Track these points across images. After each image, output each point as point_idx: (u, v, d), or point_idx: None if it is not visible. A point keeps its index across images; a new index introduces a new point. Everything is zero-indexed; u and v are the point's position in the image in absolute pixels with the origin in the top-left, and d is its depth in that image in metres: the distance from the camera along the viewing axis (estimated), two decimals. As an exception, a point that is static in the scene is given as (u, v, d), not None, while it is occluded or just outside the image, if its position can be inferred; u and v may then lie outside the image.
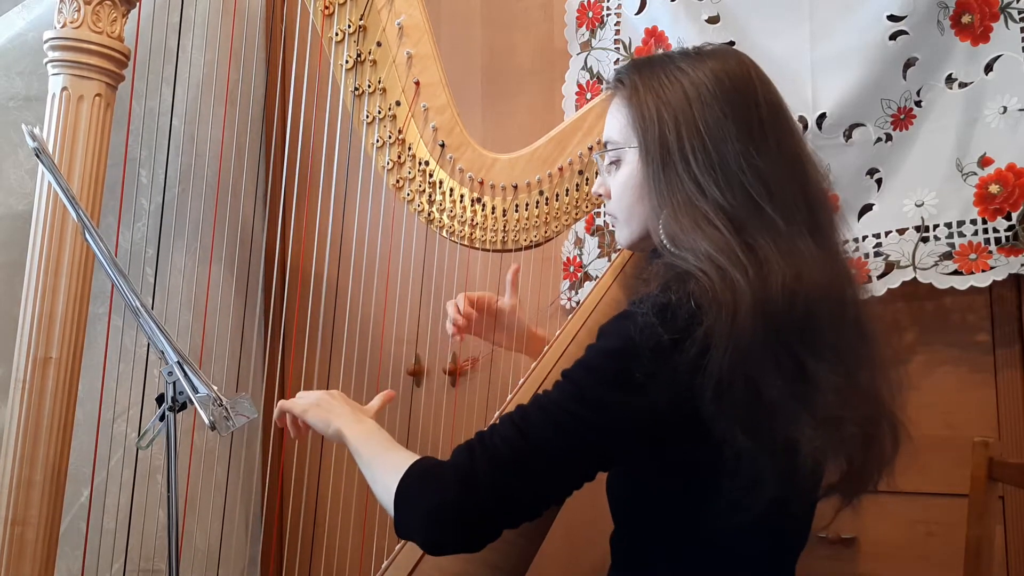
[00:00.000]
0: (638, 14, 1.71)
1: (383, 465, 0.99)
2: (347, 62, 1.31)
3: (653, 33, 1.69)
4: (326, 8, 1.31)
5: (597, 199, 1.16)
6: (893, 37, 1.45)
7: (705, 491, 0.90)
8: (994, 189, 1.41)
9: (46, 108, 1.30)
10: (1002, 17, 1.42)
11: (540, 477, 0.90)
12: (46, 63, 1.30)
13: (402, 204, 1.36)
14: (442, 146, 1.33)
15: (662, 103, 0.96)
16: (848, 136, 1.52)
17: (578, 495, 1.07)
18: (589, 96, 1.77)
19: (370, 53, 1.32)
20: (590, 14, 1.79)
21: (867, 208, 1.52)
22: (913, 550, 1.49)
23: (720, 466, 0.86)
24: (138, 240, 1.68)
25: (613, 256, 1.61)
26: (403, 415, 1.64)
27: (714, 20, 1.62)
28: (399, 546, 1.17)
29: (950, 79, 1.46)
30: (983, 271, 1.41)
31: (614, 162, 1.04)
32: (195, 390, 1.00)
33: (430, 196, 1.34)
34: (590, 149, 1.32)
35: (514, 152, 1.35)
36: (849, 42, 1.50)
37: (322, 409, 1.12)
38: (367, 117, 1.33)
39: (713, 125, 0.94)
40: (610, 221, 1.09)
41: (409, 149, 1.33)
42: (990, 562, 1.23)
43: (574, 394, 0.90)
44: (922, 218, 1.47)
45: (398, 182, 1.35)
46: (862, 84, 1.49)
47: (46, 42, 1.29)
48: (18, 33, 1.55)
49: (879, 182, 1.51)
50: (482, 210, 1.34)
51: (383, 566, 1.19)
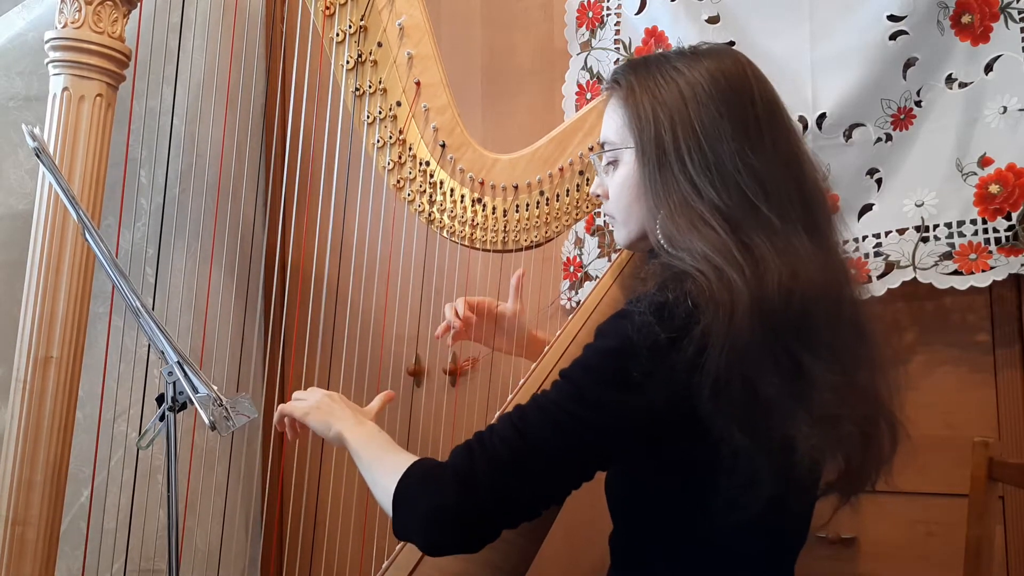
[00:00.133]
0: (638, 14, 1.71)
1: (382, 467, 0.99)
2: (348, 62, 1.31)
3: (653, 33, 1.69)
4: (327, 9, 1.31)
5: (597, 199, 1.16)
6: (893, 37, 1.45)
7: (703, 490, 0.91)
8: (994, 189, 1.41)
9: (47, 108, 1.30)
10: (1002, 17, 1.43)
11: (539, 477, 0.90)
12: (47, 63, 1.30)
13: (403, 204, 1.36)
14: (443, 146, 1.33)
15: (658, 103, 0.96)
16: (848, 136, 1.52)
17: (578, 495, 1.07)
18: (589, 96, 1.77)
19: (371, 54, 1.32)
20: (590, 14, 1.79)
21: (867, 208, 1.52)
22: (913, 550, 1.49)
23: (718, 465, 0.86)
24: (138, 240, 1.68)
25: (613, 256, 1.61)
26: (403, 415, 1.64)
27: (714, 20, 1.62)
28: (399, 547, 1.17)
29: (950, 79, 1.46)
30: (983, 271, 1.41)
31: (611, 162, 1.04)
32: (195, 390, 0.99)
33: (431, 196, 1.34)
34: (591, 149, 1.32)
35: (515, 152, 1.35)
36: (849, 42, 1.50)
37: (322, 412, 1.12)
38: (368, 117, 1.33)
39: (709, 125, 0.94)
40: (608, 221, 1.10)
41: (410, 149, 1.33)
42: (990, 562, 1.23)
43: (572, 394, 0.90)
44: (922, 218, 1.47)
45: (399, 182, 1.35)
46: (862, 84, 1.49)
47: (47, 42, 1.29)
48: (18, 33, 1.55)
49: (879, 182, 1.52)
50: (483, 210, 1.34)
51: (383, 567, 1.19)
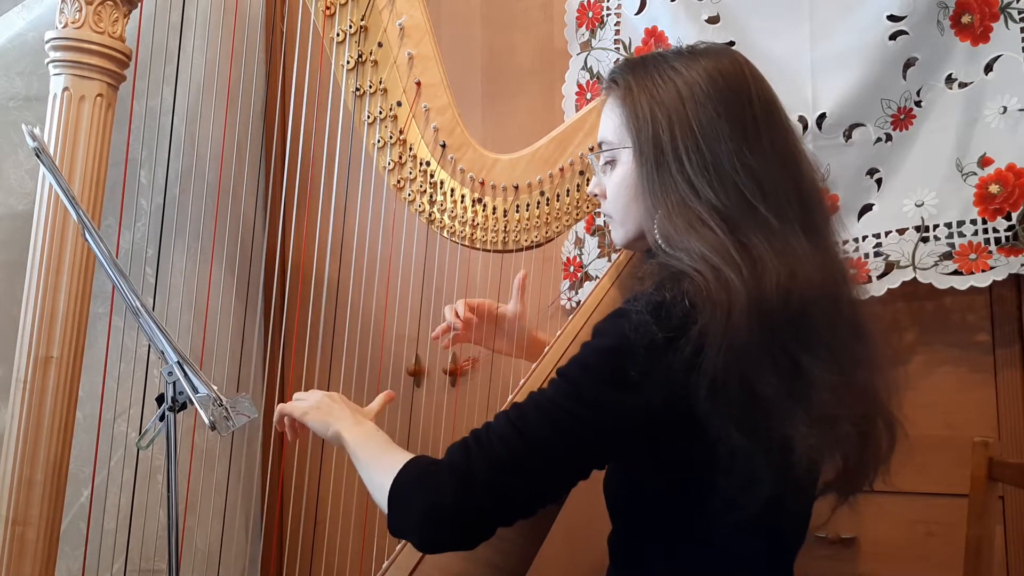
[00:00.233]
0: (638, 14, 1.71)
1: (379, 465, 0.99)
2: (348, 63, 1.31)
3: (653, 33, 1.69)
4: (327, 9, 1.31)
5: (597, 200, 1.16)
6: (893, 37, 1.45)
7: (701, 489, 0.90)
8: (994, 189, 1.41)
9: (47, 108, 1.30)
10: (1002, 17, 1.43)
11: (537, 475, 0.90)
12: (47, 63, 1.30)
13: (403, 204, 1.36)
14: (443, 146, 1.33)
15: (655, 103, 0.96)
16: (848, 136, 1.52)
17: (577, 495, 1.07)
18: (589, 96, 1.77)
19: (371, 54, 1.32)
20: (590, 14, 1.79)
21: (867, 208, 1.52)
22: (913, 550, 1.49)
23: (715, 464, 0.86)
24: (138, 240, 1.68)
25: (613, 256, 1.61)
26: (403, 415, 1.63)
27: (714, 20, 1.62)
28: (399, 547, 1.17)
29: (950, 79, 1.46)
30: (983, 271, 1.41)
31: (609, 162, 1.04)
32: (195, 390, 1.00)
33: (431, 196, 1.34)
34: (591, 150, 1.32)
35: (515, 152, 1.35)
36: (849, 42, 1.50)
37: (321, 412, 1.12)
38: (368, 117, 1.33)
39: (706, 124, 0.93)
40: (606, 221, 1.10)
41: (410, 149, 1.33)
42: (990, 562, 1.23)
43: (570, 392, 0.90)
44: (922, 218, 1.47)
45: (399, 182, 1.35)
46: (862, 84, 1.49)
47: (48, 42, 1.29)
48: (18, 33, 1.55)
49: (879, 182, 1.52)
50: (483, 210, 1.34)
51: (383, 567, 1.19)
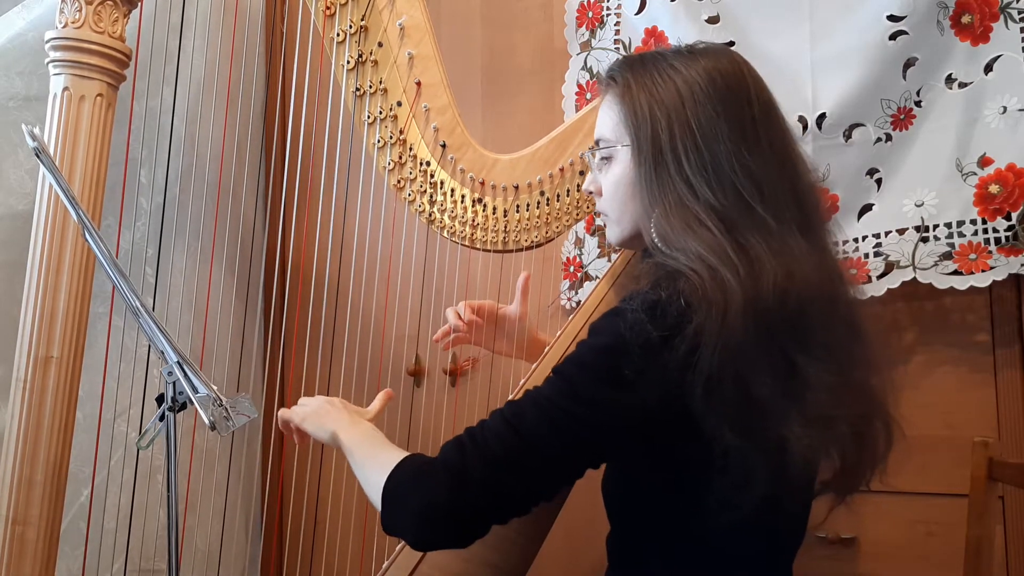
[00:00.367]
0: (638, 14, 1.71)
1: (373, 464, 0.99)
2: (348, 63, 1.31)
3: (653, 33, 1.69)
4: (327, 9, 1.31)
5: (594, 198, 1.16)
6: (893, 37, 1.45)
7: (697, 489, 0.90)
8: (994, 189, 1.41)
9: (47, 108, 1.30)
10: (1002, 17, 1.43)
11: (533, 474, 0.90)
12: (47, 63, 1.30)
13: (403, 204, 1.36)
14: (443, 147, 1.33)
15: (655, 101, 0.96)
16: (848, 136, 1.52)
17: (577, 495, 1.07)
18: (589, 96, 1.77)
19: (371, 54, 1.32)
20: (590, 14, 1.79)
21: (867, 208, 1.52)
22: (913, 550, 1.49)
23: (711, 464, 0.86)
24: (138, 240, 1.67)
25: (613, 256, 1.61)
26: (403, 415, 1.63)
27: (714, 20, 1.62)
28: (399, 547, 1.17)
29: (950, 79, 1.46)
30: (983, 271, 1.41)
31: (606, 160, 1.03)
32: (195, 390, 1.00)
33: (431, 196, 1.34)
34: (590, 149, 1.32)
35: (515, 153, 1.35)
36: (849, 42, 1.50)
37: (319, 416, 1.12)
38: (368, 117, 1.33)
39: (706, 124, 0.93)
40: (601, 219, 1.09)
41: (410, 149, 1.33)
42: (990, 562, 1.23)
43: (567, 390, 0.90)
44: (922, 218, 1.47)
45: (399, 182, 1.35)
46: (862, 84, 1.49)
47: (48, 42, 1.29)
48: (18, 33, 1.55)
49: (879, 182, 1.51)
50: (483, 210, 1.34)
51: (384, 566, 1.19)
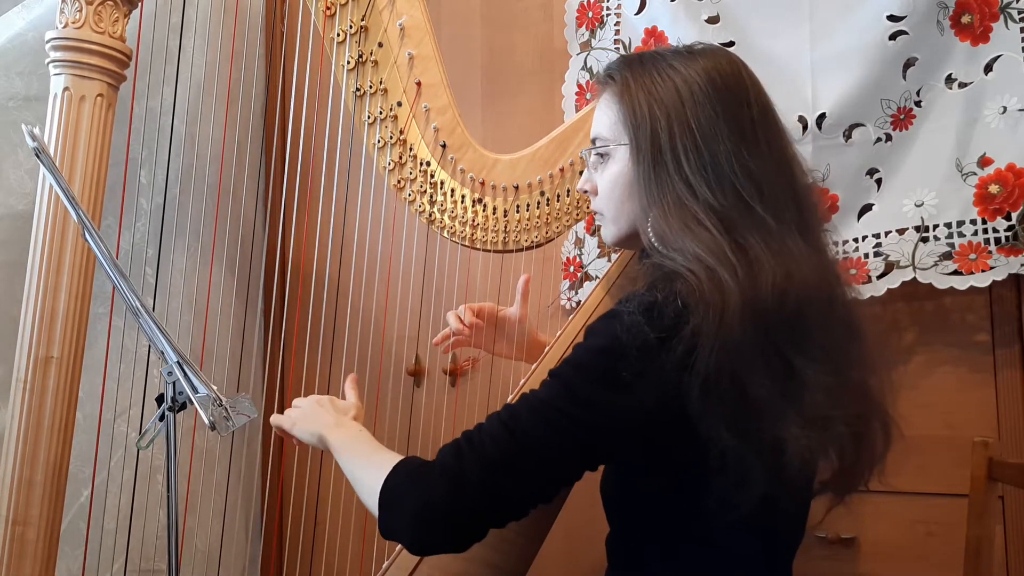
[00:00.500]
0: (638, 14, 1.71)
1: (367, 466, 0.99)
2: (348, 63, 1.31)
3: (653, 33, 1.69)
4: (327, 9, 1.31)
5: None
6: (893, 37, 1.45)
7: (695, 490, 0.90)
8: (994, 189, 1.41)
9: (48, 108, 1.30)
10: (1002, 17, 1.43)
11: (530, 476, 0.90)
12: (48, 63, 1.30)
13: (403, 204, 1.36)
14: (443, 147, 1.33)
15: (654, 100, 0.96)
16: (848, 136, 1.52)
17: (577, 496, 1.07)
18: (589, 96, 1.77)
19: (371, 54, 1.32)
20: (590, 14, 1.79)
21: (867, 208, 1.52)
22: (913, 550, 1.49)
23: (709, 465, 0.86)
24: (138, 240, 1.68)
25: (613, 256, 1.61)
26: (403, 415, 1.64)
27: (714, 20, 1.62)
28: (399, 547, 1.17)
29: (950, 79, 1.46)
30: (983, 271, 1.41)
31: (602, 158, 1.03)
32: (195, 390, 1.00)
33: (431, 197, 1.34)
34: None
35: (515, 153, 1.35)
36: (849, 42, 1.50)
37: (307, 420, 1.12)
38: (368, 118, 1.33)
39: (705, 124, 0.93)
40: (597, 219, 1.09)
41: (410, 150, 1.33)
42: (990, 562, 1.23)
43: (563, 392, 0.89)
44: (922, 218, 1.47)
45: (399, 183, 1.35)
46: (862, 84, 1.49)
47: (48, 42, 1.29)
48: (18, 33, 1.55)
49: (879, 182, 1.51)
50: (483, 211, 1.34)
51: (384, 567, 1.19)
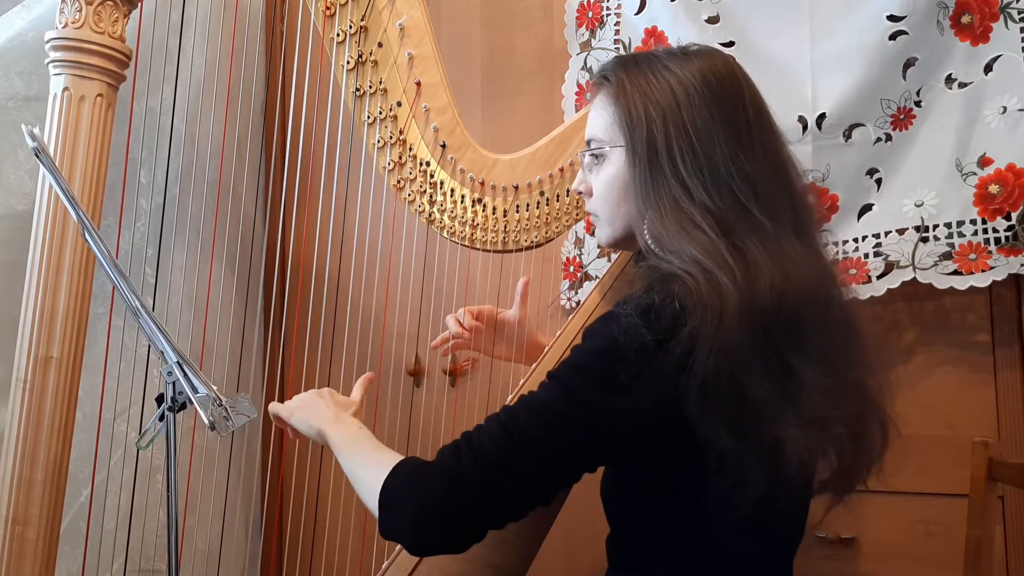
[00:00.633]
0: (638, 14, 1.71)
1: (367, 465, 0.99)
2: (348, 63, 1.31)
3: (653, 33, 1.69)
4: (327, 9, 1.31)
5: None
6: (893, 37, 1.45)
7: (694, 491, 0.90)
8: (994, 189, 1.41)
9: (47, 108, 1.30)
10: (1002, 17, 1.43)
11: (528, 477, 0.90)
12: (47, 63, 1.30)
13: (403, 204, 1.36)
14: (443, 147, 1.33)
15: (650, 102, 0.95)
16: (848, 136, 1.52)
17: (577, 496, 1.07)
18: (589, 96, 1.76)
19: (371, 54, 1.32)
20: (590, 14, 1.79)
21: (867, 208, 1.52)
22: (913, 550, 1.49)
23: (707, 466, 0.86)
24: (138, 240, 1.68)
25: (613, 256, 1.61)
26: (403, 415, 1.64)
27: (714, 20, 1.62)
28: (399, 547, 1.17)
29: (950, 79, 1.46)
30: (983, 271, 1.41)
31: (597, 160, 1.03)
32: (195, 390, 1.00)
33: (431, 197, 1.34)
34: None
35: (515, 153, 1.35)
36: (849, 42, 1.50)
37: (305, 411, 1.11)
38: (368, 118, 1.33)
39: (702, 127, 0.93)
40: (592, 220, 1.09)
41: (410, 150, 1.33)
42: (990, 562, 1.24)
43: (561, 394, 0.90)
44: (922, 218, 1.47)
45: (399, 182, 1.35)
46: (862, 84, 1.49)
47: (48, 42, 1.29)
48: (18, 33, 1.55)
49: (879, 182, 1.51)
50: (483, 211, 1.34)
51: (383, 566, 1.19)
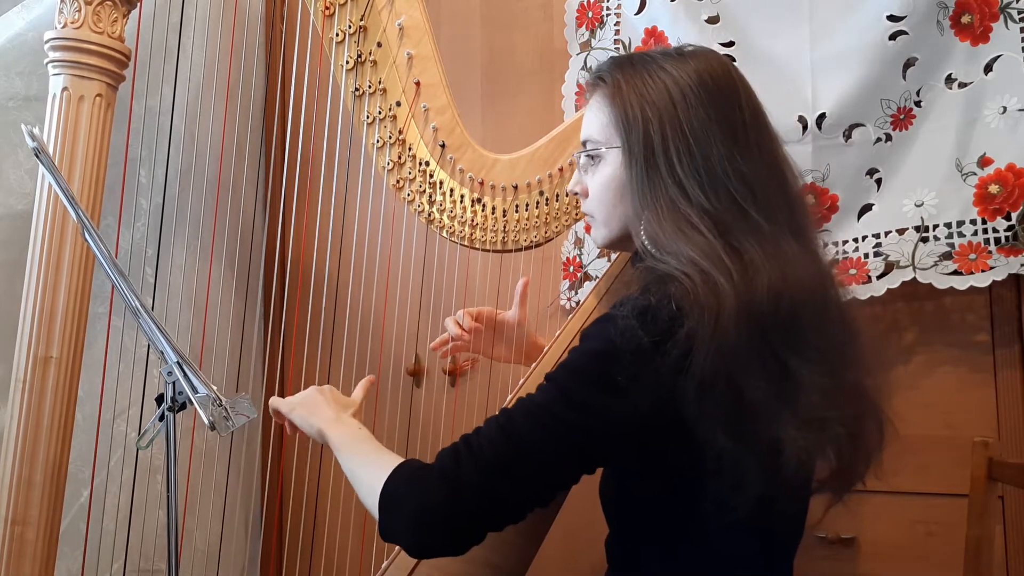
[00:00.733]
0: (638, 14, 1.71)
1: (367, 467, 0.99)
2: (347, 63, 1.31)
3: (653, 33, 1.69)
4: (326, 9, 1.31)
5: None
6: (893, 37, 1.45)
7: (692, 492, 0.90)
8: (994, 189, 1.41)
9: (47, 108, 1.30)
10: (1002, 17, 1.43)
11: (526, 479, 0.90)
12: (47, 63, 1.30)
13: (402, 204, 1.36)
14: (442, 147, 1.33)
15: (646, 103, 0.95)
16: (848, 136, 1.51)
17: (576, 497, 1.07)
18: (587, 96, 1.77)
19: (370, 54, 1.32)
20: (590, 14, 1.79)
21: (867, 208, 1.52)
22: (913, 550, 1.49)
23: (705, 467, 0.86)
24: (138, 240, 1.68)
25: (613, 257, 1.61)
26: (403, 415, 1.63)
27: (714, 20, 1.62)
28: (399, 547, 1.17)
29: (950, 79, 1.46)
30: (983, 271, 1.41)
31: (592, 160, 1.03)
32: (195, 390, 1.00)
33: (430, 196, 1.34)
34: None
35: (514, 153, 1.35)
36: (849, 42, 1.49)
37: (306, 408, 1.12)
38: (367, 117, 1.33)
39: (698, 127, 0.93)
40: (588, 220, 1.09)
41: (409, 149, 1.33)
42: (990, 562, 1.24)
43: (559, 397, 0.90)
44: (922, 218, 1.47)
45: (398, 182, 1.35)
46: (862, 84, 1.49)
47: (47, 42, 1.29)
48: (18, 33, 1.55)
49: (879, 182, 1.51)
50: (482, 210, 1.34)
51: (383, 566, 1.19)
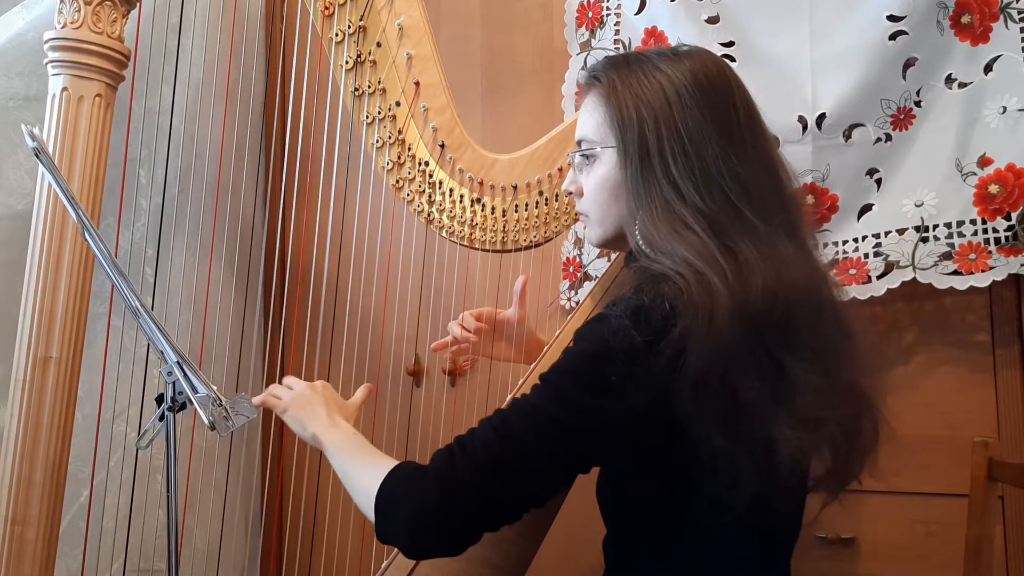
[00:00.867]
0: (638, 14, 1.71)
1: (362, 470, 0.99)
2: (347, 63, 1.31)
3: (653, 33, 1.69)
4: (326, 9, 1.31)
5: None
6: (893, 37, 1.45)
7: (687, 492, 0.90)
8: (994, 189, 1.41)
9: (46, 108, 1.31)
10: (1002, 17, 1.42)
11: (521, 480, 0.90)
12: (46, 63, 1.30)
13: (402, 204, 1.36)
14: (442, 146, 1.33)
15: (641, 102, 0.95)
16: (848, 136, 1.51)
17: (575, 497, 1.07)
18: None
19: (370, 54, 1.32)
20: (590, 14, 1.79)
21: (867, 208, 1.52)
22: (913, 550, 1.49)
23: (700, 466, 0.86)
24: (138, 240, 1.68)
25: (613, 256, 1.61)
26: (403, 415, 1.64)
27: (714, 20, 1.62)
28: (398, 547, 1.17)
29: (950, 79, 1.46)
30: (983, 271, 1.41)
31: (587, 159, 1.03)
32: (195, 390, 1.00)
33: (430, 196, 1.34)
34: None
35: (514, 152, 1.35)
36: (849, 42, 1.49)
37: (299, 408, 1.11)
38: (367, 117, 1.33)
39: (693, 127, 0.93)
40: (582, 220, 1.09)
41: (409, 149, 1.33)
42: (990, 562, 1.23)
43: (552, 397, 0.90)
44: (922, 218, 1.47)
45: (398, 182, 1.35)
46: (862, 84, 1.49)
47: (46, 42, 1.30)
48: (18, 33, 1.55)
49: (879, 182, 1.51)
50: (482, 210, 1.34)
51: (383, 565, 1.19)
